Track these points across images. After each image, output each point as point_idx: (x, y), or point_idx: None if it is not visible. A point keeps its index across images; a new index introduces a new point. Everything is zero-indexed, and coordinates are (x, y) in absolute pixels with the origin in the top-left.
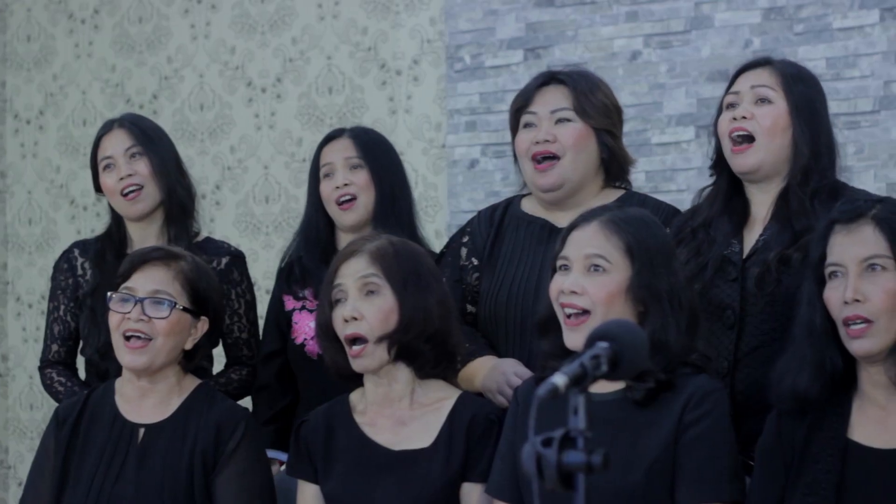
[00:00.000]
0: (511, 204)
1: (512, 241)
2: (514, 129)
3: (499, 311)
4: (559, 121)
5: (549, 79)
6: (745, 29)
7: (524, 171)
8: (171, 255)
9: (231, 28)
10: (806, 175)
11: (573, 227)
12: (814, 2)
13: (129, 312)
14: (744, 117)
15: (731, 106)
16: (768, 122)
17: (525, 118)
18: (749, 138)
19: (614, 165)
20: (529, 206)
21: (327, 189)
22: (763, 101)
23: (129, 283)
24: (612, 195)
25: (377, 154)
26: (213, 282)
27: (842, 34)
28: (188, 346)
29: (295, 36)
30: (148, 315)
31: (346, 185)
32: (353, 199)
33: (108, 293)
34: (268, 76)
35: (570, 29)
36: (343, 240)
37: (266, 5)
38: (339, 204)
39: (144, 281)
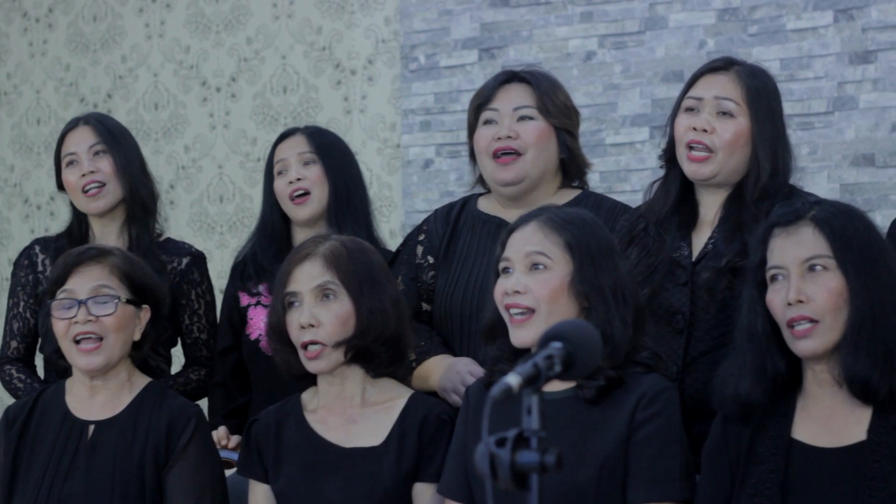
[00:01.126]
0: (468, 203)
1: (468, 240)
2: (473, 126)
3: (454, 310)
4: (521, 118)
5: (510, 77)
6: (700, 30)
7: (483, 167)
8: (102, 252)
9: (185, 27)
10: (763, 193)
11: (512, 229)
12: (768, 3)
13: (74, 316)
14: (704, 130)
15: (691, 110)
16: (729, 136)
17: (486, 115)
18: (707, 149)
19: (573, 166)
20: (486, 205)
21: (281, 185)
22: (725, 114)
23: (67, 287)
24: (568, 195)
25: (330, 150)
26: (147, 269)
27: (796, 35)
28: (136, 336)
29: (250, 35)
30: (94, 314)
31: (298, 179)
32: (307, 193)
33: (48, 301)
34: (222, 75)
35: (524, 29)
36: (299, 235)
37: (221, 5)
38: (293, 199)
39: (82, 281)
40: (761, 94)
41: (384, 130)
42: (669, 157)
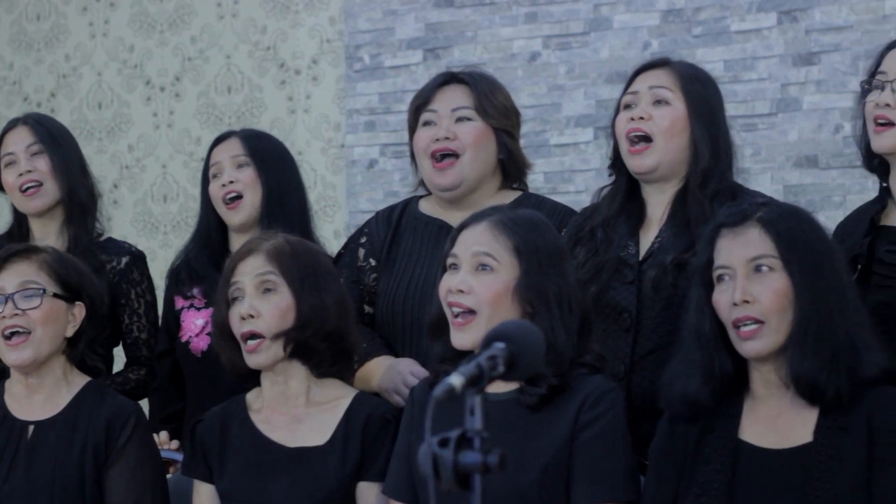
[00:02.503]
0: (409, 205)
1: (409, 242)
2: (413, 127)
3: (395, 312)
4: (459, 119)
5: (449, 78)
6: (644, 31)
7: (422, 169)
8: (32, 249)
9: (130, 26)
10: (706, 177)
11: (463, 226)
12: (712, 4)
13: (2, 312)
14: (641, 118)
15: (629, 106)
16: (666, 122)
17: (424, 116)
18: (646, 139)
19: (512, 167)
20: (427, 207)
21: (215, 189)
22: (661, 102)
23: None
24: (509, 196)
25: (265, 153)
26: (81, 267)
27: (740, 37)
28: (69, 332)
29: (194, 35)
30: (21, 308)
31: (231, 182)
32: (240, 197)
33: None
34: (166, 75)
35: (469, 29)
36: (235, 240)
37: (165, 4)
38: (226, 203)
39: (10, 277)
40: (695, 81)
41: (328, 130)
42: (615, 161)
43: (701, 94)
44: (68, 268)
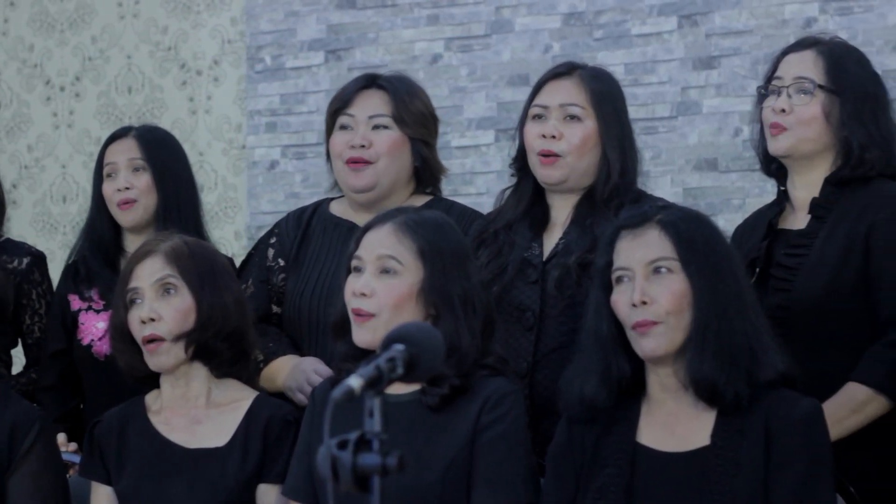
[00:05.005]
0: (320, 206)
1: (318, 243)
2: (330, 129)
3: (302, 312)
4: (376, 127)
5: (369, 82)
6: (546, 34)
7: (337, 171)
8: None
9: (30, 26)
10: (614, 192)
11: (368, 227)
12: (613, 8)
13: None
14: (553, 136)
15: (539, 117)
16: (577, 140)
17: (342, 120)
18: (558, 155)
19: (426, 174)
20: (338, 209)
21: (109, 190)
22: (572, 118)
23: None
24: (420, 201)
25: (162, 156)
26: None
27: (640, 40)
28: None
29: (94, 34)
30: None
31: (127, 188)
32: (134, 201)
33: None
34: (66, 74)
35: (371, 31)
36: (128, 240)
37: (65, 3)
38: (119, 205)
39: None
40: (606, 96)
41: (229, 131)
42: (521, 165)
43: (611, 109)
44: None
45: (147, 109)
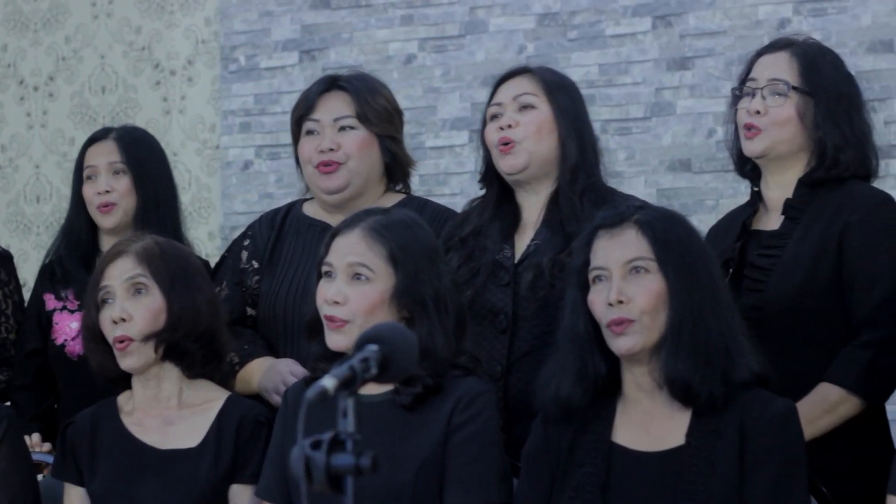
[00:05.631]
0: (293, 207)
1: (292, 244)
2: (296, 135)
3: (276, 314)
4: (342, 129)
5: (330, 85)
6: (520, 34)
7: (307, 176)
8: None
9: (3, 25)
10: (574, 174)
11: (336, 232)
12: (587, 8)
13: None
14: (509, 126)
15: (496, 117)
16: (533, 127)
17: (307, 125)
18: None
19: (397, 169)
20: (311, 210)
21: (89, 192)
22: (526, 107)
23: None
24: (392, 200)
25: (142, 158)
26: None
27: (614, 41)
28: None
29: (68, 34)
30: None
31: (107, 191)
32: (114, 204)
33: None
34: (40, 74)
35: (345, 31)
36: (106, 242)
37: (39, 3)
38: (99, 208)
39: None
40: (559, 85)
41: (203, 132)
42: (486, 172)
43: (564, 96)
44: None
45: (121, 109)
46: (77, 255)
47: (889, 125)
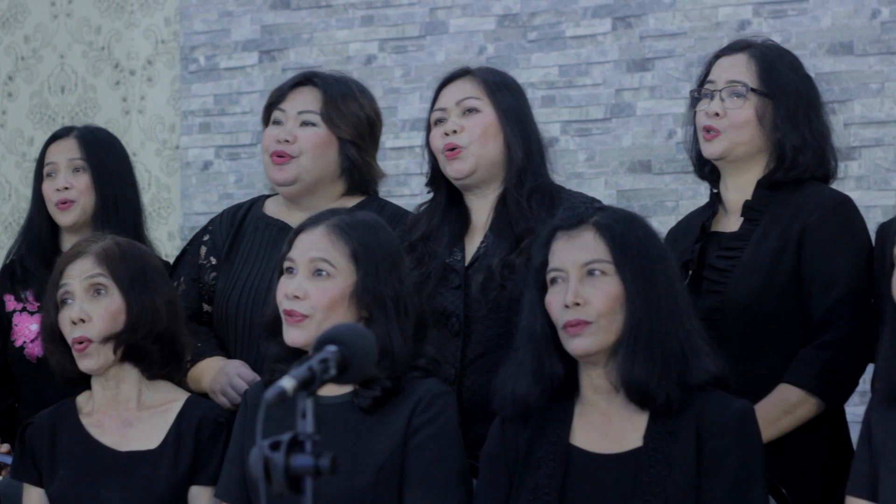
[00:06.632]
0: (255, 204)
1: (250, 242)
2: (266, 123)
3: (230, 312)
4: (304, 123)
5: (305, 80)
6: (480, 35)
7: (264, 165)
8: None
9: None
10: (521, 175)
11: (300, 229)
12: (547, 10)
13: None
14: (454, 131)
15: (440, 122)
16: (478, 130)
17: (275, 115)
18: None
19: (356, 176)
20: (272, 208)
21: (49, 190)
22: (470, 111)
23: None
24: (352, 201)
25: (102, 157)
26: None
27: (574, 42)
28: None
29: (27, 34)
30: None
31: (66, 188)
32: (73, 201)
33: None
34: None
35: (305, 32)
36: (66, 241)
37: None
38: (58, 205)
39: None
40: (501, 86)
41: (163, 132)
42: (432, 177)
43: (508, 96)
44: None
45: (80, 109)
46: (37, 254)
47: (848, 127)
